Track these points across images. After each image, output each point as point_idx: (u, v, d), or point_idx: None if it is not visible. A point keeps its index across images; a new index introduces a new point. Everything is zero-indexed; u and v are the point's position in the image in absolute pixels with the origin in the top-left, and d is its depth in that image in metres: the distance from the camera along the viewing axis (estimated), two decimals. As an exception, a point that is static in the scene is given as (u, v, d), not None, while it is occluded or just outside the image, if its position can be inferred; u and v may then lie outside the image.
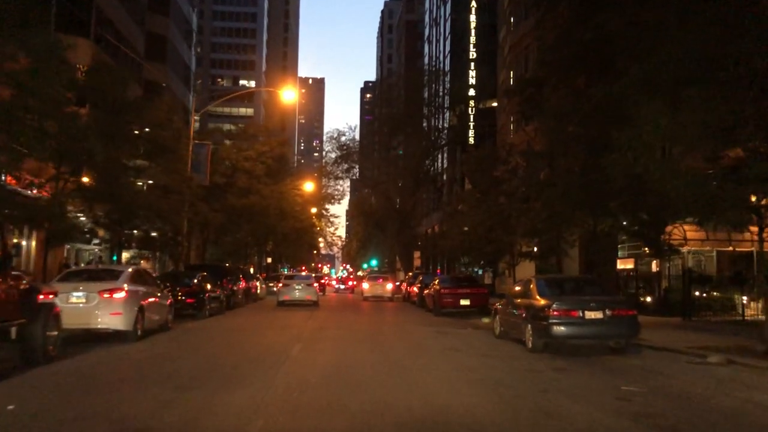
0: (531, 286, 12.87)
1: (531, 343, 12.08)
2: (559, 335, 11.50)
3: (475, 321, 20.70)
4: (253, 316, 21.52)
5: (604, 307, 11.57)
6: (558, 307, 11.50)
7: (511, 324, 13.64)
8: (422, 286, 29.48)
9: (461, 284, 23.94)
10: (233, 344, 12.81)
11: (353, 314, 24.08)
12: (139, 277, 13.75)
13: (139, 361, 10.41)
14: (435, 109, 50.48)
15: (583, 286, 13.40)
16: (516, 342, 13.39)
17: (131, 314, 12.53)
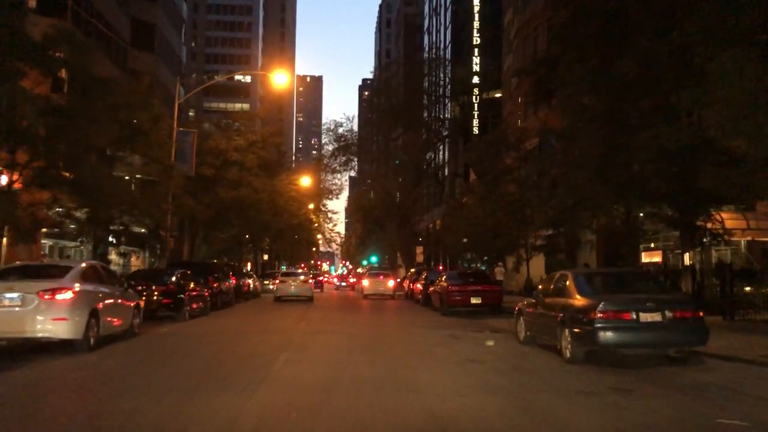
0: (567, 282, 10.58)
1: (569, 351, 9.82)
2: (608, 343, 9.23)
3: (488, 321, 18.46)
4: (240, 318, 19.25)
5: (664, 307, 9.30)
6: (606, 308, 9.23)
7: (541, 328, 11.37)
8: (427, 283, 27.24)
9: (471, 281, 21.68)
10: (204, 355, 10.53)
11: (352, 314, 21.82)
12: (95, 274, 11.47)
13: (73, 382, 8.13)
14: (436, 99, 48.15)
15: (632, 281, 11.08)
16: (547, 350, 11.14)
17: (80, 319, 10.25)
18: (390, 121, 46.67)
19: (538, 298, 11.85)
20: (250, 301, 29.91)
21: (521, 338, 12.52)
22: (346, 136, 46.57)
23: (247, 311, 22.59)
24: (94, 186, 16.61)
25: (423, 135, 49.02)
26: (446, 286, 21.14)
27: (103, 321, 11.01)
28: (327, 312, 22.47)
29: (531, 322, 12.02)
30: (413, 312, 23.21)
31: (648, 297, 9.65)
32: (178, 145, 27.11)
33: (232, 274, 27.66)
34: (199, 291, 19.17)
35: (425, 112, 49.36)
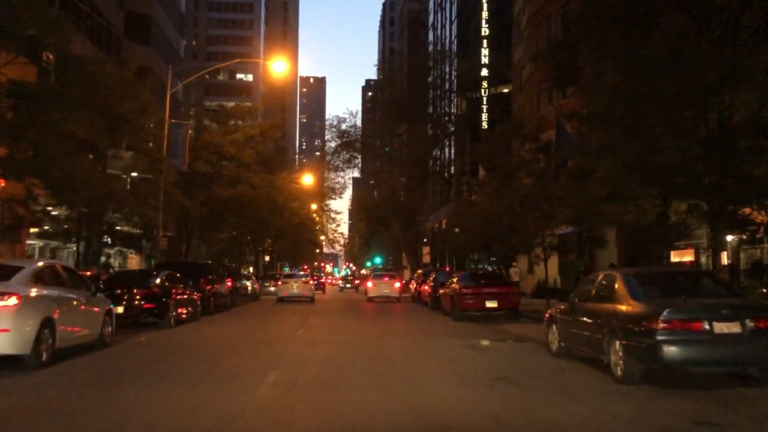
0: (616, 285, 8.77)
1: (621, 369, 8.02)
2: (674, 359, 7.42)
3: (505, 327, 16.69)
4: (233, 324, 17.49)
5: (742, 315, 7.49)
6: (671, 317, 7.42)
7: (580, 338, 9.58)
8: (435, 284, 25.49)
9: (486, 282, 19.88)
10: (176, 374, 8.74)
11: (355, 320, 20.05)
12: (52, 277, 9.71)
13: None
14: (442, 94, 46.32)
15: (693, 282, 9.25)
16: (587, 364, 9.37)
17: (29, 330, 8.50)
18: (394, 116, 44.87)
19: (574, 303, 10.06)
20: (248, 305, 28.19)
21: (554, 349, 10.72)
22: (349, 132, 44.81)
23: (242, 316, 20.83)
24: (68, 178, 14.87)
25: (428, 130, 47.18)
26: (459, 289, 19.35)
27: (60, 331, 9.24)
28: (329, 317, 20.71)
29: (566, 332, 10.23)
30: (422, 317, 21.42)
31: (721, 302, 7.84)
32: (171, 138, 25.41)
33: (228, 276, 25.93)
34: (187, 294, 17.40)
35: (430, 107, 47.54)
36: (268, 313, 23.11)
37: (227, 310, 23.45)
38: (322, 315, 21.88)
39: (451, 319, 19.64)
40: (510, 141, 23.94)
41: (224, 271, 26.27)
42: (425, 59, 48.93)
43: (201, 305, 19.97)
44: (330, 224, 72.13)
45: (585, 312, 9.46)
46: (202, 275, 21.02)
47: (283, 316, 20.81)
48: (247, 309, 25.28)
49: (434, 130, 47.35)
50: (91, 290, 10.91)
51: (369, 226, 65.61)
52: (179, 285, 17.09)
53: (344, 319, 20.14)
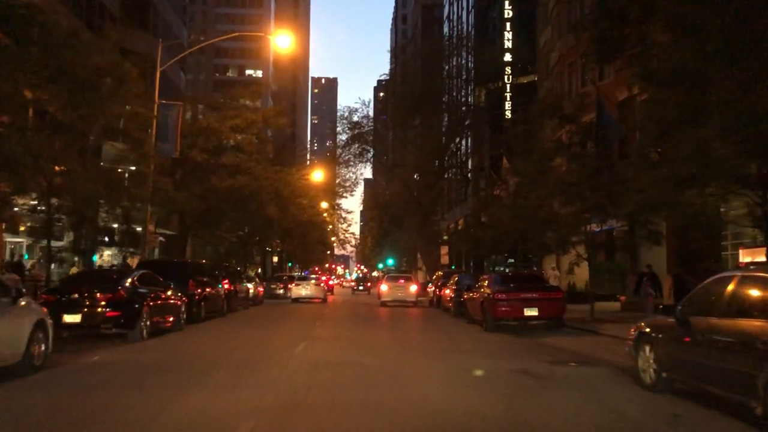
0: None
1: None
2: None
3: (549, 341, 13.67)
4: (222, 335, 14.56)
5: None
6: None
7: (704, 371, 6.51)
8: (459, 288, 22.47)
9: (524, 286, 16.79)
10: (99, 423, 5.77)
11: (369, 329, 17.04)
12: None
13: None
14: (461, 83, 43.13)
15: None
16: (712, 407, 6.32)
17: None
18: (408, 107, 41.74)
19: (685, 316, 7.00)
20: (249, 310, 25.30)
21: (648, 381, 7.66)
22: (361, 123, 41.68)
23: (237, 324, 17.90)
24: (15, 155, 12.02)
25: (445, 121, 44.07)
26: (491, 294, 16.28)
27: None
28: (337, 326, 17.73)
29: (674, 358, 7.16)
30: (446, 326, 18.39)
31: None
32: (161, 121, 22.60)
33: (225, 277, 23.04)
34: (168, 299, 14.48)
35: (446, 97, 44.36)
36: (269, 320, 20.19)
37: (222, 316, 20.57)
38: (330, 323, 18.94)
39: (481, 330, 16.62)
40: (541, 124, 20.83)
41: (221, 272, 23.38)
42: (440, 48, 45.79)
43: (188, 311, 17.14)
44: (341, 224, 69.33)
45: (713, 331, 6.39)
46: (191, 276, 18.11)
47: (285, 325, 17.87)
48: (247, 315, 22.37)
49: (451, 122, 44.17)
50: (11, 295, 7.99)
51: (381, 226, 62.63)
52: (158, 288, 14.19)
53: (355, 328, 17.15)
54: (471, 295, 18.97)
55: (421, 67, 43.04)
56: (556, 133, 21.01)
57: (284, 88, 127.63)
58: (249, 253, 48.72)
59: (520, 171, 20.65)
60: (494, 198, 33.13)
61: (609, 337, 14.23)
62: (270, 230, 33.65)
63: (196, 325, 16.95)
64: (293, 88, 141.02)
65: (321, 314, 23.10)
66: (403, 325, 18.99)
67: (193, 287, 17.82)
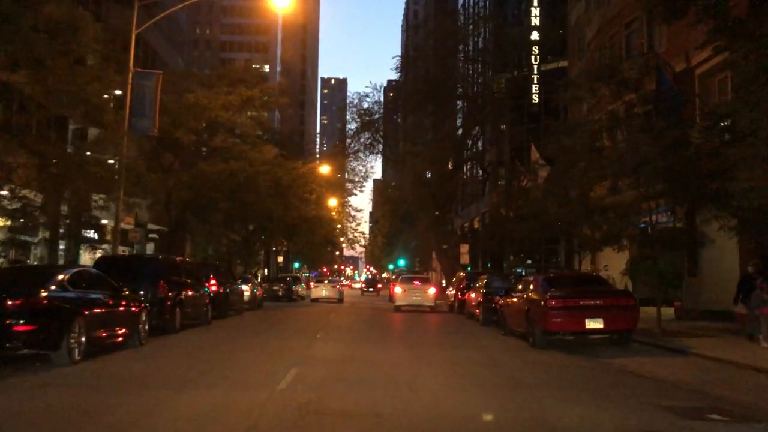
0: None
1: None
2: None
3: (628, 362, 10.04)
4: (186, 356, 10.95)
5: None
6: None
7: None
8: (489, 292, 18.85)
9: (584, 290, 13.12)
10: None
11: (382, 344, 13.42)
12: None
13: None
14: (479, 67, 39.27)
15: None
16: None
17: None
18: (422, 93, 38.00)
19: None
20: (243, 315, 21.84)
21: None
22: (371, 110, 37.96)
23: (217, 338, 14.32)
24: None
25: (463, 108, 40.37)
26: (542, 299, 12.61)
27: None
28: (343, 340, 14.11)
29: None
30: (479, 339, 14.72)
31: None
32: (135, 92, 19.13)
33: (212, 277, 19.53)
34: (117, 306, 10.93)
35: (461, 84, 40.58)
36: (260, 329, 16.63)
37: (207, 324, 17.08)
38: (334, 334, 15.34)
39: (526, 345, 13.01)
40: (594, 91, 17.08)
41: (208, 271, 19.86)
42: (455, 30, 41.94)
43: (158, 320, 13.68)
44: (350, 223, 65.78)
45: None
46: (163, 276, 14.57)
47: (278, 337, 14.28)
48: (237, 322, 18.83)
49: (469, 110, 40.38)
50: None
51: (392, 224, 59.00)
52: (104, 291, 10.65)
53: (365, 343, 13.53)
54: (508, 300, 15.33)
55: (435, 50, 39.33)
56: (610, 104, 17.31)
57: (292, 84, 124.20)
58: (251, 253, 45.36)
59: (567, 150, 16.94)
60: (522, 190, 29.46)
61: (711, 360, 10.57)
62: (269, 225, 30.00)
63: (167, 337, 13.45)
64: (302, 85, 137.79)
65: (325, 321, 19.54)
66: (425, 338, 15.38)
67: (165, 290, 14.28)
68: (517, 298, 14.47)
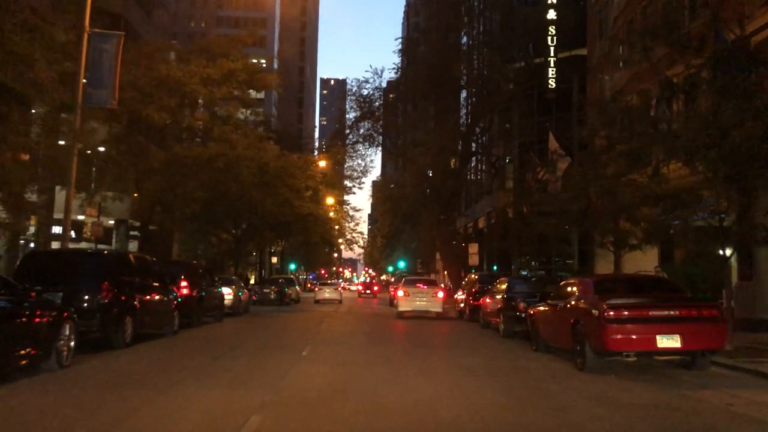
0: None
1: None
2: None
3: (730, 399, 7.00)
4: (104, 386, 7.89)
5: None
6: None
7: None
8: (511, 297, 15.80)
9: (654, 298, 10.03)
10: None
11: (386, 367, 10.23)
12: None
13: None
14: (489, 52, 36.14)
15: None
16: None
17: None
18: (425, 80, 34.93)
19: None
20: (223, 322, 18.85)
21: None
22: (371, 96, 34.78)
23: (170, 356, 11.21)
24: None
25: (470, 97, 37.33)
26: (597, 309, 9.53)
27: None
28: (336, 360, 10.97)
29: None
30: (514, 359, 11.60)
31: None
32: (92, 57, 16.07)
33: (183, 278, 16.46)
34: (16, 317, 7.86)
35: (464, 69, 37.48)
36: (234, 343, 13.53)
37: (173, 335, 14.08)
38: (325, 350, 12.21)
39: (572, 366, 10.00)
40: (646, 52, 14.03)
41: (178, 272, 16.77)
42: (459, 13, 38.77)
43: (102, 332, 10.71)
44: (348, 222, 62.70)
45: None
46: (108, 276, 11.49)
47: (252, 356, 11.16)
48: (210, 332, 15.72)
49: (477, 99, 37.26)
50: None
51: (393, 224, 55.87)
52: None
53: (363, 363, 10.43)
54: (544, 309, 12.27)
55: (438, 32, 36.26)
56: (666, 68, 14.24)
57: (290, 81, 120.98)
58: (242, 253, 42.35)
59: (609, 121, 13.87)
60: (540, 183, 26.46)
61: None
62: (255, 220, 26.83)
63: (111, 353, 10.48)
64: (300, 83, 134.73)
65: (316, 331, 16.48)
66: (442, 355, 12.26)
67: (110, 293, 11.22)
68: (557, 307, 11.40)
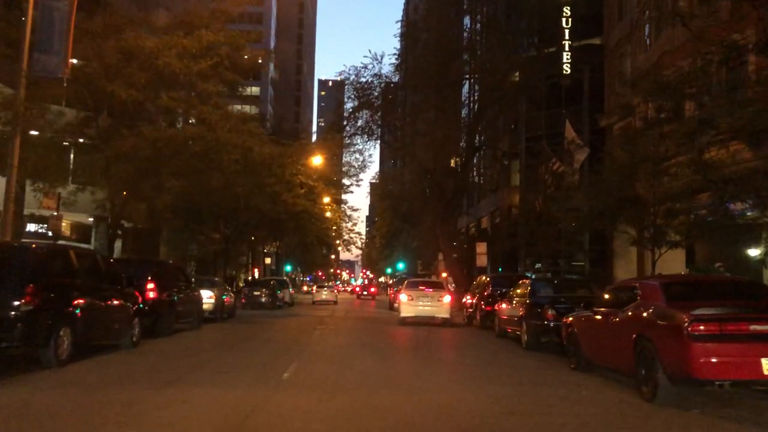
0: None
1: None
2: None
3: None
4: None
5: None
6: None
7: None
8: (536, 303, 13.34)
9: (746, 305, 7.54)
10: None
11: (391, 395, 7.73)
12: None
13: None
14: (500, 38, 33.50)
15: None
16: None
17: None
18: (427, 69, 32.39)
19: None
20: (201, 329, 16.42)
21: None
22: (370, 84, 32.14)
23: (103, 388, 8.70)
24: None
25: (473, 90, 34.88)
26: (676, 322, 7.04)
27: None
28: (326, 386, 8.42)
29: None
30: (552, 384, 9.08)
31: None
32: (42, 17, 13.57)
33: (150, 280, 13.91)
34: None
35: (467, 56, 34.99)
36: (202, 359, 10.95)
37: (130, 347, 11.59)
38: (313, 371, 9.65)
39: (634, 394, 7.57)
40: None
41: (147, 272, 14.24)
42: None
43: (16, 348, 8.20)
44: (345, 222, 60.16)
45: None
46: (37, 278, 8.96)
47: (216, 383, 8.57)
48: (178, 344, 13.14)
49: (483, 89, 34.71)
50: None
51: (392, 224, 53.32)
52: None
53: (363, 389, 7.91)
54: (586, 318, 9.79)
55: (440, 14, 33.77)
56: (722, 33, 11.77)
57: (287, 79, 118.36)
58: (233, 253, 39.87)
59: (655, 92, 11.40)
60: (556, 175, 23.98)
61: None
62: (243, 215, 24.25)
63: (28, 378, 7.91)
64: (297, 81, 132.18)
65: (306, 342, 13.95)
66: (458, 381, 9.71)
67: (37, 298, 8.71)
68: (609, 317, 8.91)
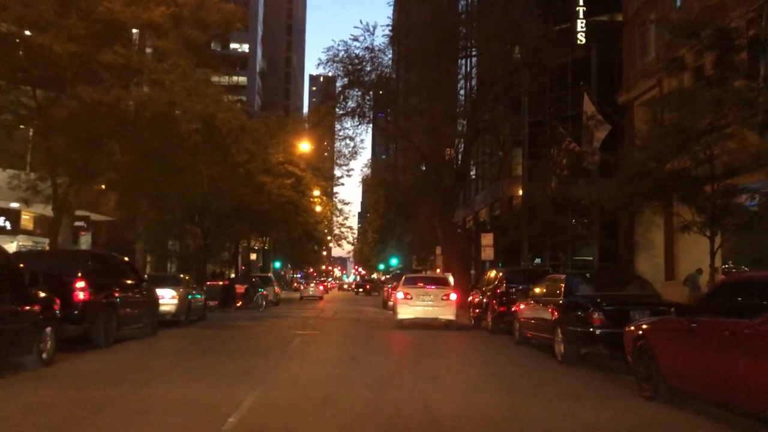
0: None
1: None
2: None
3: None
4: None
5: None
6: None
7: None
8: (573, 304, 10.39)
9: None
10: None
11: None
12: None
13: None
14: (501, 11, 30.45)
15: None
16: None
17: None
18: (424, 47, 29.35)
19: None
20: (157, 337, 13.51)
21: None
22: (362, 58, 28.88)
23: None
24: None
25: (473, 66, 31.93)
26: None
27: None
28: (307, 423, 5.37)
29: None
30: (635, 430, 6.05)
31: None
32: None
33: (80, 278, 10.83)
34: None
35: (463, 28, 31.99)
36: (112, 392, 7.82)
37: (40, 366, 8.60)
38: (276, 400, 6.54)
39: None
40: None
41: (79, 267, 11.17)
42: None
43: None
44: (337, 216, 57.20)
45: None
46: None
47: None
48: (111, 361, 10.02)
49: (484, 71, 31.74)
50: None
51: (386, 216, 50.31)
52: None
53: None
54: (680, 325, 6.81)
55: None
56: None
57: (275, 69, 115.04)
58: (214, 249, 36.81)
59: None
60: (574, 155, 21.05)
61: None
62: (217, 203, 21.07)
63: None
64: (286, 73, 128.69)
65: (278, 358, 10.82)
66: (498, 421, 6.64)
67: None
68: (716, 329, 5.92)
